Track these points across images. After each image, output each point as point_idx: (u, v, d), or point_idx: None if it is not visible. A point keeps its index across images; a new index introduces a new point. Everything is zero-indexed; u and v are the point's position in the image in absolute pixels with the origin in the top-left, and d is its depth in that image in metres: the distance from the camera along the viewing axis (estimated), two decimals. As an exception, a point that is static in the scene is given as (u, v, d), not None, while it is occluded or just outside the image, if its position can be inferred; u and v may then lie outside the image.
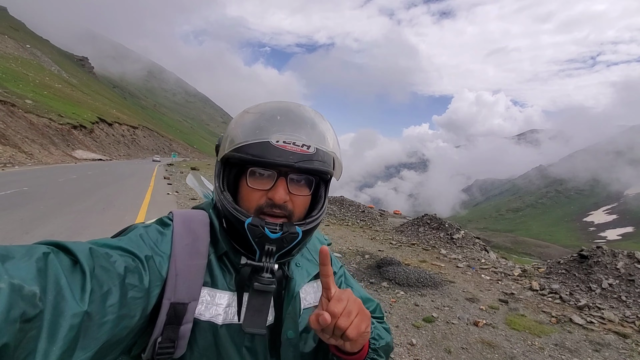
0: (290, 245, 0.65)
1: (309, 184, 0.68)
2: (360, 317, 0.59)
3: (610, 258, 6.51)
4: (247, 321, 0.61)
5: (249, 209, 0.64)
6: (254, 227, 0.61)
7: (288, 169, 0.63)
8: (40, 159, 28.19)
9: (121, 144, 63.94)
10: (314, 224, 0.68)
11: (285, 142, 0.62)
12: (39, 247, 0.44)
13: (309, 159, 0.63)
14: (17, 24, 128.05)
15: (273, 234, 0.61)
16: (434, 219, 11.61)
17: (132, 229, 0.63)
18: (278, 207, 0.63)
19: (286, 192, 0.64)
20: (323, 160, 0.66)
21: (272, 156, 0.61)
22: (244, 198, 0.66)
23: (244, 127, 0.65)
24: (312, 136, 0.65)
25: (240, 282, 0.64)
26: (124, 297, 0.49)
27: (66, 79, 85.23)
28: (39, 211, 7.92)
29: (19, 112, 34.75)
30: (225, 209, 0.65)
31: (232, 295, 0.65)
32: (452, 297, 5.51)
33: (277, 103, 0.70)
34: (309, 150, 0.63)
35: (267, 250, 0.62)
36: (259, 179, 0.64)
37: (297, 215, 0.67)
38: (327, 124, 0.70)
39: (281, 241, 0.63)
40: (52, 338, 0.39)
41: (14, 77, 49.87)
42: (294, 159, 0.62)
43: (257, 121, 0.65)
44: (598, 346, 4.19)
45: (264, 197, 0.64)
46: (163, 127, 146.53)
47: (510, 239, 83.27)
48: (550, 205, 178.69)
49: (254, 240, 0.62)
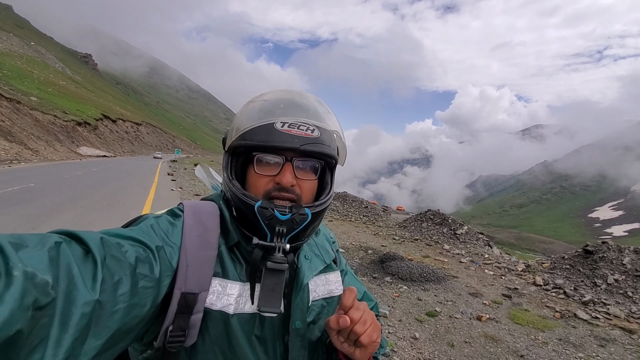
0: (301, 227, 0.65)
1: (315, 170, 0.70)
2: (373, 327, 0.63)
3: (616, 253, 6.46)
4: (262, 301, 0.61)
5: (257, 195, 0.66)
6: (263, 210, 0.63)
7: (293, 153, 0.65)
8: (46, 156, 28.44)
9: (125, 140, 64.28)
10: (322, 207, 0.69)
11: (290, 127, 0.64)
12: (52, 236, 0.44)
13: (313, 141, 0.65)
14: (22, 21, 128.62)
15: (283, 216, 0.63)
16: (437, 214, 11.59)
17: (143, 219, 0.64)
18: (286, 191, 0.65)
19: (293, 176, 0.65)
20: (327, 144, 0.68)
21: (277, 140, 0.63)
22: (252, 184, 0.68)
23: (248, 114, 0.67)
24: (314, 118, 0.67)
25: (252, 266, 0.64)
26: (134, 286, 0.50)
27: (70, 76, 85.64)
28: (46, 207, 8.01)
29: (24, 109, 35.01)
30: (234, 196, 0.66)
31: (243, 286, 0.65)
32: (455, 292, 5.51)
33: (281, 91, 0.72)
34: (313, 133, 0.65)
35: (278, 232, 0.63)
36: (266, 166, 0.66)
37: (305, 200, 0.68)
38: (328, 109, 0.73)
39: (291, 222, 0.64)
40: (64, 325, 0.40)
41: (19, 75, 50.19)
42: (299, 142, 0.64)
43: (261, 108, 0.67)
44: (603, 341, 4.17)
45: (272, 182, 0.66)
46: (166, 123, 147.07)
47: (513, 235, 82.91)
48: (554, 201, 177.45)
49: (264, 222, 0.63)
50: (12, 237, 0.40)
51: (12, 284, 0.35)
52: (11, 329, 0.34)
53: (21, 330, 0.35)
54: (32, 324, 0.36)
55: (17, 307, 0.34)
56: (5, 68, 49.09)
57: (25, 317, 0.35)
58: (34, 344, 0.37)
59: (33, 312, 0.36)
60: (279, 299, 0.63)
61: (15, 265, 0.36)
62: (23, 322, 0.35)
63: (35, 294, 0.37)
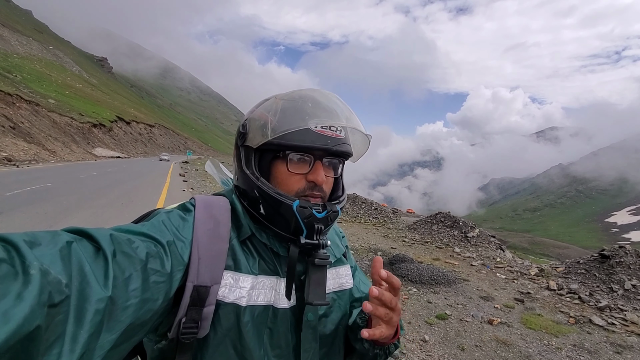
0: (333, 223, 0.71)
1: (335, 168, 0.74)
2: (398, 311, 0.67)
3: (634, 258, 6.28)
4: (312, 294, 0.66)
5: (288, 193, 0.68)
6: (303, 209, 0.66)
7: (324, 153, 0.69)
8: (63, 157, 29.24)
9: (138, 142, 65.55)
10: (345, 202, 0.76)
11: (323, 128, 0.67)
12: (63, 235, 0.45)
13: (343, 142, 0.70)
14: (41, 26, 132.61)
15: (319, 214, 0.67)
16: (447, 217, 11.44)
17: (154, 214, 0.66)
18: (318, 189, 0.69)
19: (323, 174, 0.69)
20: (350, 143, 0.74)
21: (313, 141, 0.67)
22: (281, 182, 0.69)
23: (280, 114, 0.68)
24: (347, 120, 0.70)
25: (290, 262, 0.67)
26: (146, 281, 0.51)
27: (86, 79, 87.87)
28: (62, 206, 8.24)
29: (42, 111, 36.07)
30: (266, 194, 0.67)
31: (255, 279, 0.67)
32: (466, 295, 5.44)
33: (307, 90, 0.73)
34: (341, 134, 0.70)
35: (317, 229, 0.67)
36: (297, 164, 0.69)
37: (327, 195, 0.73)
38: (349, 108, 0.74)
39: (326, 220, 0.68)
40: (79, 322, 0.41)
41: (38, 78, 51.73)
42: (332, 143, 0.68)
43: (293, 108, 0.68)
44: (620, 348, 4.05)
45: (303, 180, 0.69)
46: (178, 125, 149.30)
47: (527, 240, 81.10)
48: (570, 205, 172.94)
49: (303, 221, 0.66)
50: (25, 236, 0.41)
51: (30, 282, 0.37)
52: (32, 324, 0.35)
53: (40, 326, 0.36)
54: (48, 320, 0.38)
55: (37, 303, 0.36)
56: (25, 71, 50.71)
57: (42, 313, 0.37)
58: (51, 339, 0.38)
59: (48, 310, 0.38)
60: (324, 291, 0.68)
61: (31, 263, 0.38)
62: (41, 318, 0.37)
63: (50, 292, 0.38)
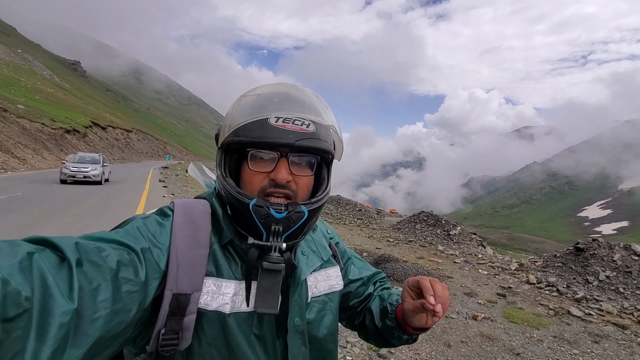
0: (297, 225, 0.63)
1: (311, 166, 0.68)
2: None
3: (606, 250, 6.57)
4: (259, 302, 0.61)
5: (252, 192, 0.64)
6: (258, 208, 0.61)
7: (288, 149, 0.63)
8: (34, 164, 27.86)
9: (115, 147, 63.39)
10: (319, 203, 0.67)
11: (284, 122, 0.61)
12: (23, 246, 0.42)
13: (309, 137, 0.63)
14: (8, 28, 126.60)
15: (278, 214, 0.61)
16: (430, 215, 11.65)
17: (130, 221, 0.62)
18: (281, 187, 0.63)
19: (288, 172, 0.63)
20: (324, 139, 0.65)
21: (271, 136, 0.61)
22: (246, 182, 0.66)
23: (241, 109, 0.65)
24: (309, 113, 0.64)
25: (248, 265, 0.63)
26: (117, 291, 0.48)
27: (58, 83, 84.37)
28: (34, 216, 7.82)
29: (11, 117, 34.32)
30: (229, 194, 0.64)
31: (239, 284, 0.63)
32: (450, 292, 5.53)
33: (275, 85, 0.69)
34: (308, 128, 0.63)
35: (273, 231, 0.61)
36: (260, 162, 0.64)
37: (301, 196, 0.66)
38: (325, 103, 0.70)
39: (287, 220, 0.62)
40: (41, 338, 0.38)
41: (5, 83, 49.23)
42: (294, 138, 0.61)
43: (254, 102, 0.65)
44: (597, 337, 4.21)
45: (266, 178, 0.64)
46: (157, 130, 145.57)
47: (505, 235, 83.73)
48: (544, 201, 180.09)
49: (259, 221, 0.61)
50: None
51: None
52: None
53: None
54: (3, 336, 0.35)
55: None
56: (-10, 76, 48.18)
57: None
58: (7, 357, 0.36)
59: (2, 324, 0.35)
60: (276, 298, 0.61)
61: None
62: None
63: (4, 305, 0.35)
